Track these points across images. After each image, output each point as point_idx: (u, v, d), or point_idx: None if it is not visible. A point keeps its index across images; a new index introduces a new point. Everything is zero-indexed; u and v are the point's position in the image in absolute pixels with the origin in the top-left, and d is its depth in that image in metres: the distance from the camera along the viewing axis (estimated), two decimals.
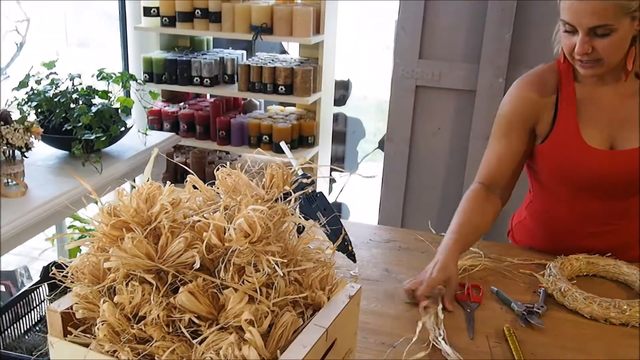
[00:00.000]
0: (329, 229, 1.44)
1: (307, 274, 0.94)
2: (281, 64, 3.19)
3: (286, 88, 3.12)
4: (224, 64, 3.40)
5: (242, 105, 3.65)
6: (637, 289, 1.40)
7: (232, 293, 0.84)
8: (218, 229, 0.86)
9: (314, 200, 1.45)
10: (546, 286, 1.37)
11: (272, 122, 3.22)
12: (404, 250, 1.61)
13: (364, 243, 1.64)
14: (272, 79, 3.15)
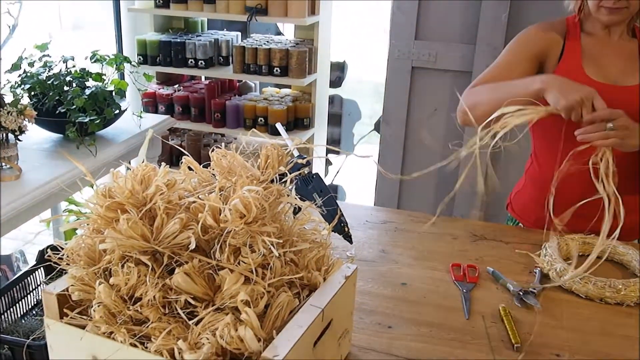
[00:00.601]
0: (325, 210, 1.44)
1: (303, 255, 0.94)
2: (276, 45, 3.17)
3: (281, 70, 3.10)
4: (218, 45, 3.38)
5: (237, 88, 3.63)
6: (632, 269, 1.41)
7: (227, 274, 0.83)
8: (213, 210, 0.85)
9: (310, 181, 1.45)
10: (542, 266, 1.37)
11: (267, 104, 3.21)
12: (400, 231, 1.61)
13: (361, 224, 1.64)
14: (267, 60, 3.13)
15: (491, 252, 1.49)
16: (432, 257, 1.46)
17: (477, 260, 1.44)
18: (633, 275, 1.38)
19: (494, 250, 1.50)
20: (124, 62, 2.32)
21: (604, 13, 1.48)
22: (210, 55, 3.32)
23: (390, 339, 1.14)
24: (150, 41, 3.35)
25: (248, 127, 3.25)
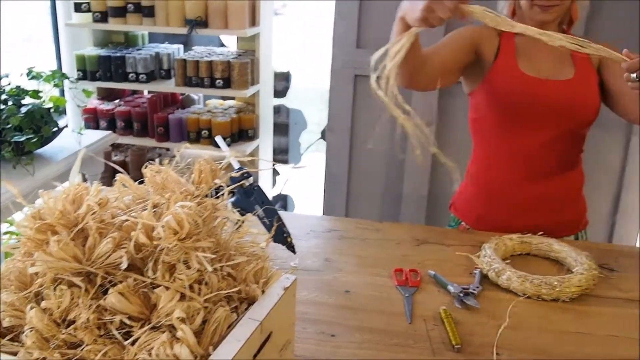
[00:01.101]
0: (267, 221, 1.44)
1: (241, 268, 0.94)
2: (218, 57, 3.16)
3: (224, 81, 3.09)
4: (159, 59, 3.35)
5: (180, 101, 3.60)
6: (567, 265, 1.45)
7: (163, 291, 0.83)
8: (146, 228, 0.85)
9: (251, 193, 1.45)
10: (481, 267, 1.40)
11: (211, 117, 3.19)
12: (345, 239, 1.62)
13: (305, 234, 1.65)
14: (209, 73, 3.11)
15: (433, 255, 1.52)
16: (375, 263, 1.47)
17: (419, 264, 1.46)
18: (569, 272, 1.42)
19: (436, 253, 1.53)
20: (62, 78, 2.28)
21: (538, 11, 1.56)
22: (151, 69, 3.28)
23: (334, 347, 1.14)
24: (89, 56, 3.30)
25: (192, 140, 3.22)
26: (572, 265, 1.43)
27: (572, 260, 1.43)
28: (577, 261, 1.42)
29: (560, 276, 1.34)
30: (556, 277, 1.33)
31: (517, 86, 1.58)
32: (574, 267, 1.41)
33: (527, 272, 1.35)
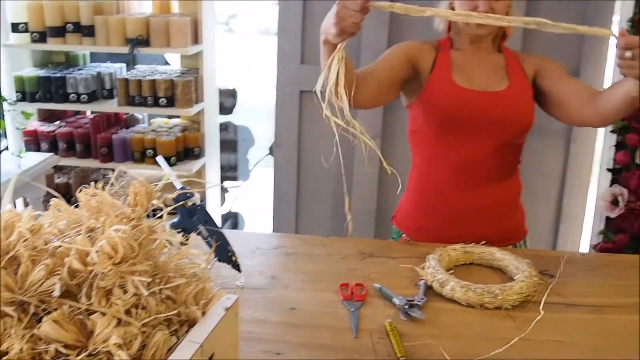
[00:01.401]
0: (211, 240, 1.43)
1: (181, 290, 0.92)
2: (161, 76, 3.13)
3: (167, 100, 3.07)
4: (101, 78, 3.30)
5: (124, 120, 3.55)
6: (509, 273, 1.48)
7: (99, 318, 0.81)
8: (80, 253, 0.83)
9: (194, 213, 1.44)
10: (426, 278, 1.42)
11: (155, 136, 3.15)
12: (291, 255, 1.61)
13: (251, 252, 1.63)
14: (153, 91, 3.08)
15: (379, 268, 1.53)
16: (321, 278, 1.47)
17: (365, 277, 1.47)
18: (511, 279, 1.45)
19: (381, 266, 1.54)
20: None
21: (474, 27, 1.60)
22: (93, 89, 3.23)
23: None
24: (28, 77, 3.22)
25: (137, 160, 3.18)
26: (513, 273, 1.46)
27: (514, 268, 1.46)
28: (518, 269, 1.45)
29: (502, 284, 1.36)
30: (498, 285, 1.35)
31: (452, 98, 1.61)
32: (515, 274, 1.44)
33: (470, 282, 1.37)
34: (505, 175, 1.70)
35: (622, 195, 2.50)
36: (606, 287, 1.47)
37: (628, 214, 2.50)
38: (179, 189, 1.47)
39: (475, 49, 1.68)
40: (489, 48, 1.70)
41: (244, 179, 4.89)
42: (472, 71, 1.66)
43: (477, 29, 1.61)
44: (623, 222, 2.52)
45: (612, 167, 2.54)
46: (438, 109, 1.63)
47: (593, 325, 1.30)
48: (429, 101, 1.64)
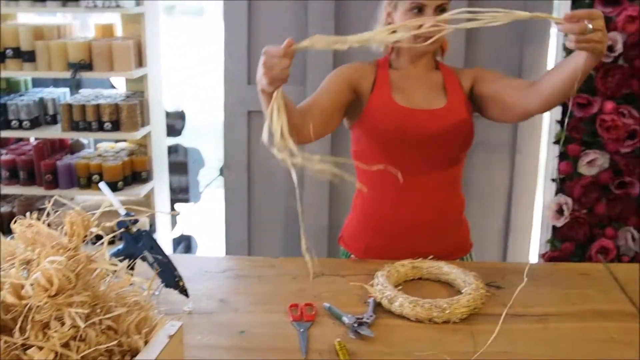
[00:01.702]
0: (157, 266, 1.41)
1: (122, 320, 0.91)
2: (105, 100, 3.09)
3: (112, 124, 3.02)
4: (44, 104, 3.23)
5: (69, 146, 3.48)
6: (457, 287, 1.49)
7: (36, 352, 0.79)
8: (14, 287, 0.81)
9: (139, 239, 1.41)
10: (374, 295, 1.42)
11: (101, 161, 3.10)
12: (241, 277, 1.60)
13: (200, 275, 1.61)
14: (97, 116, 3.03)
15: (329, 287, 1.52)
16: (271, 300, 1.46)
17: (315, 297, 1.47)
18: (459, 293, 1.46)
19: (331, 285, 1.54)
20: None
21: (421, 42, 1.59)
22: (35, 115, 3.16)
23: None
24: None
25: (82, 186, 3.11)
26: (461, 286, 1.47)
27: (461, 282, 1.48)
28: (465, 282, 1.46)
29: (450, 298, 1.38)
30: (446, 299, 1.37)
31: (392, 117, 1.63)
32: (463, 287, 1.46)
33: (419, 297, 1.38)
34: (448, 192, 1.72)
35: (566, 204, 2.56)
36: (551, 296, 1.50)
37: (573, 222, 2.56)
38: (123, 215, 1.44)
39: (414, 67, 1.71)
40: (427, 65, 1.72)
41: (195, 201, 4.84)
42: (411, 90, 1.68)
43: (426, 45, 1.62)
44: (569, 230, 2.57)
45: (556, 177, 2.60)
46: (379, 129, 1.65)
47: (539, 335, 1.32)
48: (371, 122, 1.66)
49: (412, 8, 1.59)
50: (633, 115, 2.43)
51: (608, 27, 2.35)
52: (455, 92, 1.68)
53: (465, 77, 1.72)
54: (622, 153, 2.49)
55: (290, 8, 2.79)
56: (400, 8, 1.62)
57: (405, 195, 1.68)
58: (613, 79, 2.40)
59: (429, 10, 1.58)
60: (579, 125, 2.48)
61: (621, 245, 2.58)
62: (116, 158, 3.13)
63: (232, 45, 2.81)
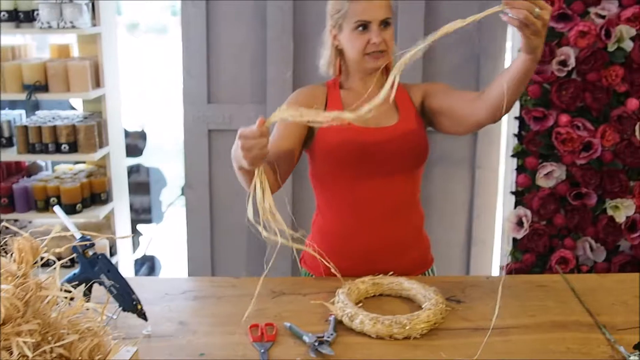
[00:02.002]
0: (114, 290, 1.39)
1: (74, 347, 0.88)
2: (62, 121, 3.04)
3: (70, 146, 2.97)
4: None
5: (26, 168, 3.41)
6: (418, 302, 1.50)
7: None
8: None
9: (96, 262, 1.39)
10: (335, 313, 1.42)
11: (59, 183, 3.04)
12: (200, 299, 1.58)
13: (159, 298, 1.59)
14: (54, 137, 2.98)
15: (290, 306, 1.51)
16: (231, 321, 1.45)
17: (276, 317, 1.46)
18: (419, 308, 1.47)
19: (292, 304, 1.53)
20: None
21: (370, 60, 1.64)
22: None
23: None
24: None
25: (40, 209, 3.05)
26: (421, 301, 1.48)
27: (422, 297, 1.48)
28: (425, 297, 1.47)
29: (410, 314, 1.38)
30: (406, 315, 1.37)
31: (345, 137, 1.63)
32: (423, 303, 1.46)
33: (380, 313, 1.38)
34: (406, 209, 1.73)
35: (526, 216, 2.60)
36: (510, 308, 1.51)
37: (533, 233, 2.60)
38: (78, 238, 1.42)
39: (364, 86, 1.71)
40: (378, 82, 1.72)
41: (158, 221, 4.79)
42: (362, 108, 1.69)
43: (374, 61, 1.64)
44: (529, 242, 2.61)
45: (515, 190, 2.63)
46: (334, 149, 1.65)
47: (499, 348, 1.33)
48: (324, 143, 1.66)
49: (357, 27, 1.62)
50: (587, 128, 2.48)
51: (560, 43, 2.43)
52: (406, 108, 1.70)
53: (415, 93, 1.74)
54: (578, 165, 2.54)
55: (248, 26, 2.79)
56: (345, 29, 1.64)
57: (362, 214, 1.68)
58: (567, 93, 2.45)
59: (374, 26, 1.60)
60: (536, 139, 2.53)
61: (580, 255, 2.62)
62: (74, 180, 3.08)
63: (190, 64, 2.81)
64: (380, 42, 1.61)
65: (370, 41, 1.61)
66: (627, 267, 2.59)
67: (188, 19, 2.76)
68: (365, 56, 1.64)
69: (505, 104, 1.49)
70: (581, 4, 2.41)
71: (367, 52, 1.63)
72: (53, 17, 2.83)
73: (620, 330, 1.39)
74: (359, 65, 1.67)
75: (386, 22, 1.62)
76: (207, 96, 2.85)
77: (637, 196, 2.54)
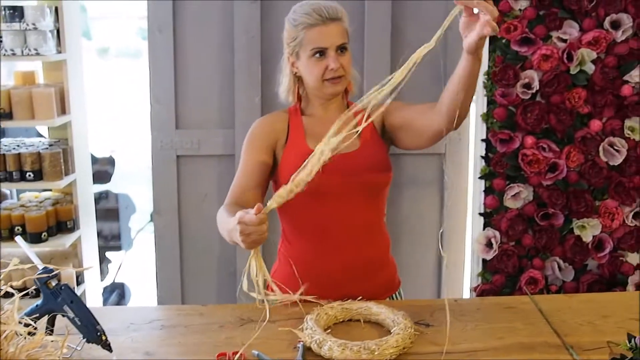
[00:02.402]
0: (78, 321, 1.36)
1: None
2: (27, 149, 2.99)
3: (34, 174, 2.92)
4: None
5: None
6: (387, 327, 1.49)
7: None
8: None
9: (59, 294, 1.37)
10: (303, 340, 1.40)
11: (24, 212, 2.98)
12: (167, 328, 1.56)
13: (125, 328, 1.56)
14: (18, 165, 2.93)
15: (258, 333, 1.49)
16: (198, 350, 1.43)
17: (244, 344, 1.44)
18: (388, 333, 1.46)
19: (261, 331, 1.50)
20: None
21: (329, 85, 1.66)
22: None
23: None
24: None
25: (4, 238, 2.98)
26: (390, 325, 1.47)
27: (390, 321, 1.48)
28: (394, 321, 1.47)
29: (379, 339, 1.37)
30: (375, 340, 1.36)
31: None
32: (392, 327, 1.45)
33: (348, 339, 1.38)
34: (370, 233, 1.73)
35: (494, 237, 2.62)
36: (479, 331, 1.51)
37: (502, 255, 2.62)
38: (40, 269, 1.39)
39: (325, 111, 1.73)
40: (339, 108, 1.74)
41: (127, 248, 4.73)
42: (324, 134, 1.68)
43: (332, 87, 1.66)
44: (498, 263, 2.63)
45: (484, 212, 2.65)
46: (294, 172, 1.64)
47: None
48: (288, 171, 1.63)
49: (313, 54, 1.63)
50: (553, 149, 2.52)
51: (524, 66, 2.47)
52: (367, 132, 1.70)
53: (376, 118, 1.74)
54: (544, 185, 2.57)
55: (216, 51, 2.79)
56: (302, 56, 1.65)
57: (327, 240, 1.68)
58: (532, 115, 2.49)
59: (331, 52, 1.62)
60: (503, 160, 2.55)
61: (549, 275, 2.64)
62: (39, 208, 3.03)
63: (158, 90, 2.79)
64: (338, 67, 1.63)
65: (328, 67, 1.63)
66: (595, 286, 2.62)
67: (155, 45, 2.75)
68: (324, 82, 1.66)
69: (459, 108, 1.52)
70: (543, 28, 2.46)
71: (326, 78, 1.65)
72: (17, 44, 2.80)
73: (587, 351, 1.40)
74: (318, 91, 1.69)
75: (342, 47, 1.64)
76: (175, 122, 2.83)
77: (602, 216, 2.58)
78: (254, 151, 1.70)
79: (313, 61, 1.64)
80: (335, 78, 1.64)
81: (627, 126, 2.52)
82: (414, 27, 2.77)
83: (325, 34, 1.62)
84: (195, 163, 2.90)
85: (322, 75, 1.64)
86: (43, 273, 1.36)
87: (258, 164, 1.68)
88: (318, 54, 1.63)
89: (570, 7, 2.44)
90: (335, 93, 1.67)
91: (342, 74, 1.65)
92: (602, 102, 2.49)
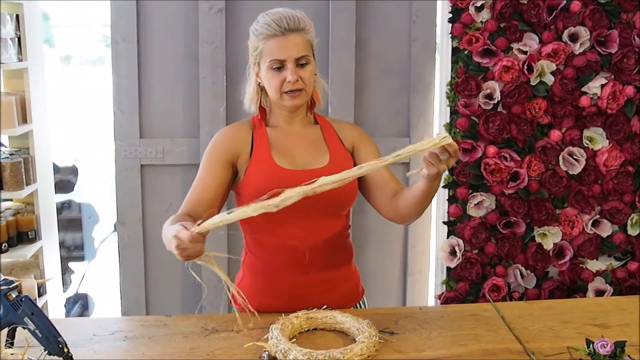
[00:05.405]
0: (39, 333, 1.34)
1: None
2: None
3: None
4: None
5: None
6: (352, 335, 1.50)
7: None
8: None
9: (19, 306, 1.35)
10: (269, 349, 1.40)
11: None
12: (130, 339, 1.54)
13: (87, 339, 1.54)
14: None
15: (223, 344, 1.50)
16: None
17: (208, 355, 1.44)
18: (353, 341, 1.47)
19: (225, 341, 1.51)
20: None
21: (287, 98, 1.63)
22: None
23: None
24: None
25: None
26: (355, 334, 1.48)
27: (355, 330, 1.49)
28: (359, 330, 1.48)
29: (344, 348, 1.38)
30: (340, 349, 1.37)
31: (274, 181, 1.59)
32: (357, 336, 1.46)
33: (314, 348, 1.38)
34: (335, 245, 1.72)
35: (458, 245, 2.65)
36: (442, 338, 1.53)
37: (465, 262, 2.65)
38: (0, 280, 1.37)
39: (290, 125, 1.71)
40: (304, 121, 1.73)
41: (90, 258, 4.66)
42: (291, 148, 1.69)
43: (292, 99, 1.64)
44: (462, 270, 2.66)
45: (447, 220, 2.69)
46: (262, 192, 1.56)
47: None
48: (252, 184, 1.65)
49: (272, 66, 1.62)
50: (514, 159, 2.56)
51: (486, 77, 2.52)
52: (336, 148, 1.71)
53: (346, 136, 1.75)
54: (506, 194, 2.61)
55: (181, 61, 2.78)
56: (262, 67, 1.64)
57: (289, 253, 1.67)
58: (494, 125, 2.53)
59: (289, 64, 1.60)
60: (465, 170, 2.59)
61: (511, 283, 2.68)
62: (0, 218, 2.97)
63: (122, 99, 2.77)
64: (296, 80, 1.60)
65: (286, 80, 1.60)
66: (556, 292, 2.67)
67: (118, 53, 2.73)
68: (283, 94, 1.63)
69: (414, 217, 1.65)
70: (504, 40, 2.51)
71: (284, 90, 1.63)
72: None
73: (548, 357, 1.43)
74: (279, 103, 1.67)
75: (302, 59, 1.62)
76: (140, 131, 2.81)
77: (562, 224, 2.63)
78: (214, 165, 1.67)
79: (272, 73, 1.62)
80: (294, 91, 1.62)
81: (586, 136, 2.58)
82: (378, 39, 2.80)
83: (283, 45, 1.60)
84: (160, 172, 2.87)
85: (280, 87, 1.62)
86: (3, 285, 1.35)
87: (217, 177, 1.66)
88: (276, 65, 1.62)
89: (530, 20, 2.50)
90: (293, 106, 1.66)
91: (301, 87, 1.62)
92: (562, 112, 2.54)
